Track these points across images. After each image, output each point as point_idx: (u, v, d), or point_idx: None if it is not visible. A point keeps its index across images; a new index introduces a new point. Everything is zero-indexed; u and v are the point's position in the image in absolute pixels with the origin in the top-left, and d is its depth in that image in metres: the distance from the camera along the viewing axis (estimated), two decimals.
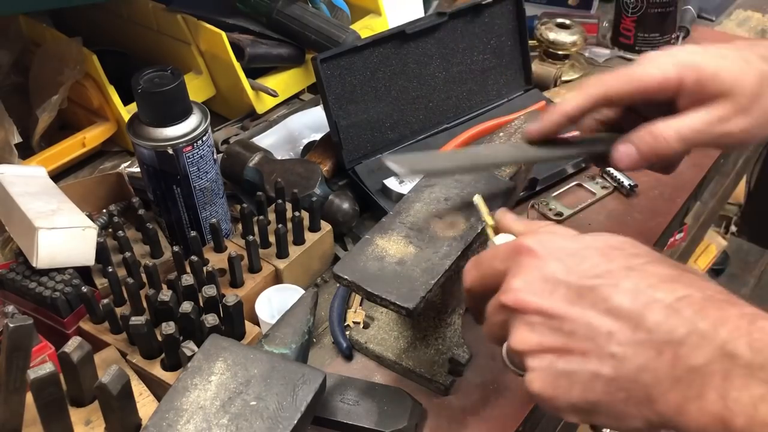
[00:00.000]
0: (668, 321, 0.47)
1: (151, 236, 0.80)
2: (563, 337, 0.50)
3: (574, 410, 0.50)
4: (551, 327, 0.50)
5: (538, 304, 0.50)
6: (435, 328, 0.73)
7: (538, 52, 1.19)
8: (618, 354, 0.47)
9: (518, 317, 0.52)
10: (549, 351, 0.50)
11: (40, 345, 0.69)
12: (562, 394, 0.49)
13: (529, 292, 0.51)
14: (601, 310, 0.49)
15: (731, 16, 1.42)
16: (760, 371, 0.43)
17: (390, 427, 0.65)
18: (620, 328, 0.48)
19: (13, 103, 1.02)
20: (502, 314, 0.54)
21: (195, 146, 0.77)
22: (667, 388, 0.46)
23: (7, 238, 0.83)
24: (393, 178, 0.92)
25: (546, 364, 0.50)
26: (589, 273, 0.50)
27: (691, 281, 0.49)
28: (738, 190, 2.28)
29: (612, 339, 0.48)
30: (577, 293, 0.50)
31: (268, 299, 0.77)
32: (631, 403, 0.47)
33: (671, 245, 1.42)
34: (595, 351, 0.48)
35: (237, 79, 1.05)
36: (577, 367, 0.49)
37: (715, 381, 0.44)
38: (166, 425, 0.54)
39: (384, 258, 0.65)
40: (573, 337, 0.49)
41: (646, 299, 0.48)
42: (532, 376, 0.51)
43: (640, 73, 0.64)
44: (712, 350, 0.45)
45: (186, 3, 1.09)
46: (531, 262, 0.52)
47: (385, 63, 0.95)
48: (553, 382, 0.50)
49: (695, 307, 0.47)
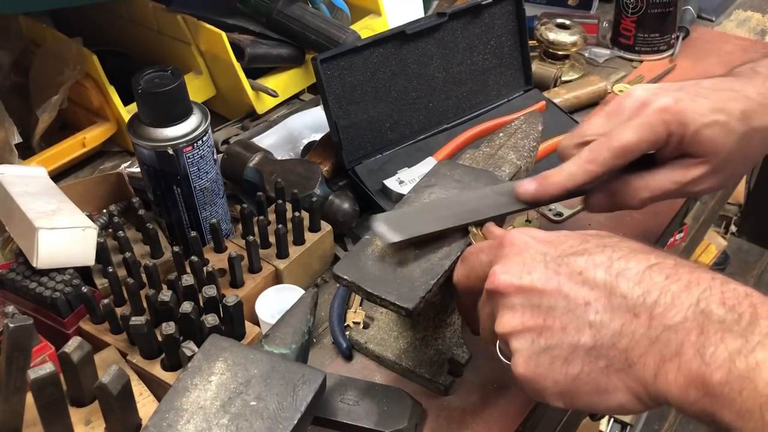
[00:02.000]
0: (641, 285, 0.48)
1: (151, 236, 0.80)
2: (543, 313, 0.51)
3: (557, 390, 0.51)
4: (531, 305, 0.52)
5: (517, 282, 0.53)
6: (435, 329, 0.73)
7: (538, 52, 1.19)
8: (595, 322, 0.49)
9: (501, 302, 0.54)
10: (530, 330, 0.52)
11: (40, 345, 0.69)
12: (544, 372, 0.51)
13: (508, 274, 0.54)
14: (578, 282, 0.51)
15: (731, 16, 1.42)
16: (735, 325, 0.44)
17: (390, 427, 0.65)
18: (596, 297, 0.50)
19: (13, 103, 1.02)
20: (488, 304, 0.57)
21: (195, 146, 0.77)
22: (645, 349, 0.47)
23: (7, 238, 0.84)
24: (393, 179, 0.92)
25: (528, 343, 0.52)
26: (566, 252, 0.53)
27: (664, 254, 0.51)
28: (738, 190, 2.29)
29: (589, 308, 0.50)
30: (554, 270, 0.52)
31: (268, 299, 0.77)
32: (612, 371, 0.49)
33: (671, 245, 1.42)
34: (574, 322, 0.50)
35: (237, 79, 1.05)
36: (557, 341, 0.51)
37: (691, 337, 0.45)
38: (166, 425, 0.54)
39: (384, 258, 0.65)
40: (552, 312, 0.51)
41: (619, 268, 0.50)
42: (516, 359, 0.53)
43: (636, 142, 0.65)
44: (686, 309, 0.46)
45: (186, 3, 1.09)
46: (512, 250, 0.55)
47: (385, 63, 0.95)
48: (536, 360, 0.51)
49: (667, 271, 0.48)
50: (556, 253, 0.53)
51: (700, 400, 0.44)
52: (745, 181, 2.22)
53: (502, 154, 0.79)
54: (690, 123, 0.64)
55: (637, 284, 0.49)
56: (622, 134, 0.65)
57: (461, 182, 0.73)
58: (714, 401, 0.43)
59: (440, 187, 0.72)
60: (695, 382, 0.44)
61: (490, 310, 0.57)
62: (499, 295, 0.54)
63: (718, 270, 2.01)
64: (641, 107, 0.65)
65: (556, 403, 0.52)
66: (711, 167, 0.66)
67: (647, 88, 0.67)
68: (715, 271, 0.49)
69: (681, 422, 1.96)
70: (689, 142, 0.65)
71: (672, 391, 0.45)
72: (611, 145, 0.65)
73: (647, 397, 0.48)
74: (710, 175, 0.67)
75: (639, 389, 0.48)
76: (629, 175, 0.68)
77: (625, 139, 0.65)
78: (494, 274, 0.55)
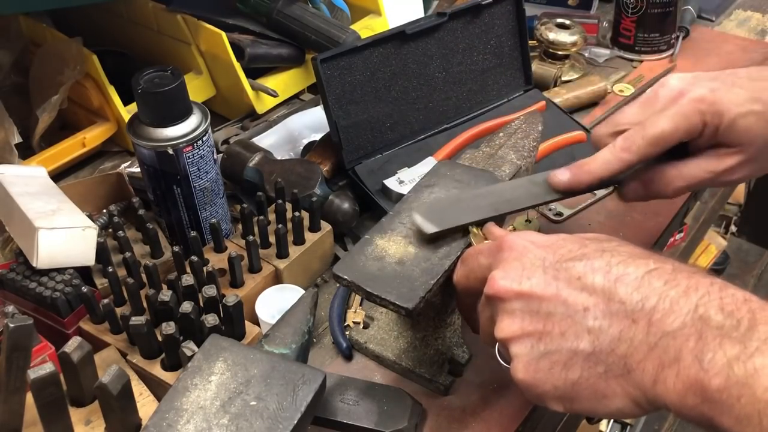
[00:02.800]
0: (640, 291, 0.48)
1: (151, 236, 0.80)
2: (542, 319, 0.51)
3: (557, 395, 0.51)
4: (530, 311, 0.52)
5: (516, 288, 0.53)
6: (435, 329, 0.73)
7: (538, 52, 1.19)
8: (594, 328, 0.49)
9: (500, 307, 0.54)
10: (529, 335, 0.52)
11: (40, 345, 0.69)
12: (543, 377, 0.51)
13: (508, 279, 0.54)
14: (577, 288, 0.51)
15: (731, 16, 1.42)
16: (733, 331, 0.44)
17: (390, 427, 0.65)
18: (595, 303, 0.50)
19: (13, 103, 1.02)
20: (488, 308, 0.57)
21: (195, 146, 0.77)
22: (644, 355, 0.47)
23: (7, 238, 0.84)
24: (393, 179, 0.92)
25: (527, 348, 0.52)
26: (565, 257, 0.53)
27: (663, 259, 0.51)
28: (738, 190, 2.29)
29: (588, 314, 0.50)
30: (553, 275, 0.52)
31: (268, 299, 0.77)
32: (611, 377, 0.49)
33: (671, 245, 1.42)
34: (573, 328, 0.50)
35: (237, 79, 1.05)
36: (556, 346, 0.50)
37: (689, 344, 0.45)
38: (166, 425, 0.54)
39: (384, 258, 0.65)
40: (551, 318, 0.51)
41: (618, 273, 0.50)
42: (515, 364, 0.53)
43: (671, 131, 0.65)
44: (684, 314, 0.46)
45: (186, 3, 1.09)
46: (511, 255, 0.55)
47: (385, 63, 0.95)
48: (535, 365, 0.51)
49: (666, 277, 0.48)
50: (554, 258, 0.53)
51: (699, 406, 0.44)
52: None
53: (502, 154, 0.79)
54: (725, 113, 0.64)
55: (636, 290, 0.48)
56: (657, 123, 0.65)
57: (461, 182, 0.73)
58: (713, 407, 0.43)
59: (440, 187, 0.72)
60: (693, 388, 0.44)
61: (489, 313, 0.57)
62: (499, 300, 0.54)
63: (717, 271, 2.02)
64: (677, 97, 0.65)
65: (555, 407, 0.52)
66: (746, 156, 0.66)
67: (682, 78, 0.67)
68: (713, 275, 0.49)
69: (681, 423, 1.96)
70: (724, 132, 0.65)
71: (671, 397, 0.45)
72: (646, 133, 0.65)
73: (646, 403, 0.48)
74: (745, 165, 0.66)
75: (638, 395, 0.48)
76: (663, 164, 0.68)
77: (659, 128, 0.65)
78: (493, 279, 0.55)
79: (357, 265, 0.65)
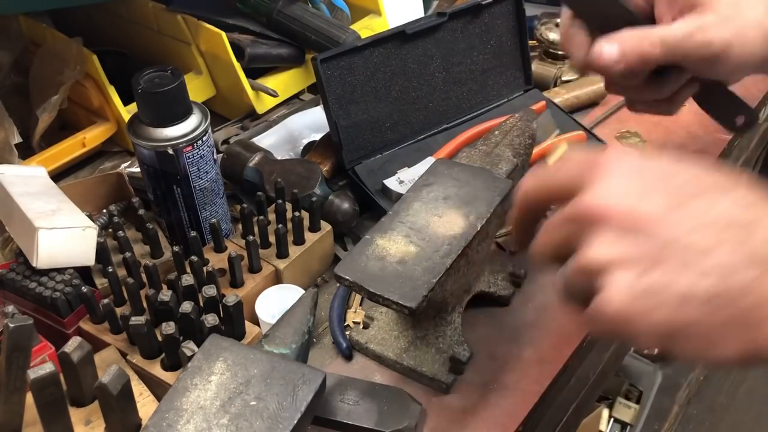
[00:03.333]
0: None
1: (151, 236, 0.80)
2: (658, 246, 0.44)
3: (660, 333, 0.44)
4: (644, 234, 0.45)
5: (629, 207, 0.45)
6: (435, 327, 0.73)
7: (538, 52, 1.19)
8: (723, 267, 0.43)
9: (598, 227, 0.46)
10: (637, 262, 0.44)
11: (40, 345, 0.69)
12: (645, 314, 0.44)
13: (615, 196, 0.46)
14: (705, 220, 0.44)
15: None
16: None
17: (390, 427, 0.65)
18: (727, 240, 0.43)
19: (13, 103, 1.02)
20: (569, 226, 0.48)
21: (195, 146, 0.77)
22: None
23: (7, 238, 0.84)
24: (393, 178, 0.92)
25: (629, 279, 0.44)
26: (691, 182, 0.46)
27: None
28: None
29: (718, 252, 0.43)
30: (677, 201, 0.45)
31: (268, 299, 0.77)
32: (732, 324, 0.43)
33: None
34: (698, 263, 0.43)
35: (237, 79, 1.05)
36: (671, 279, 0.43)
37: None
38: (166, 425, 0.54)
39: (385, 258, 0.65)
40: (670, 247, 0.44)
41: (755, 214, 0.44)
42: (610, 294, 0.45)
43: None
44: None
45: (186, 3, 1.09)
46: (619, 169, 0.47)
47: (385, 63, 0.95)
48: (637, 300, 0.44)
49: None
50: (674, 183, 0.46)
51: None
52: None
53: (499, 151, 0.79)
54: None
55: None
56: None
57: (459, 180, 0.73)
58: None
59: (439, 186, 0.72)
60: None
61: (568, 233, 0.48)
62: (598, 220, 0.46)
63: None
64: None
65: (648, 345, 0.46)
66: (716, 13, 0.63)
67: None
68: None
69: (681, 423, 1.96)
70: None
71: None
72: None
73: (757, 359, 0.43)
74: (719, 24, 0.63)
75: (755, 348, 0.43)
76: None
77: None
78: (595, 196, 0.46)
79: (359, 266, 0.65)
